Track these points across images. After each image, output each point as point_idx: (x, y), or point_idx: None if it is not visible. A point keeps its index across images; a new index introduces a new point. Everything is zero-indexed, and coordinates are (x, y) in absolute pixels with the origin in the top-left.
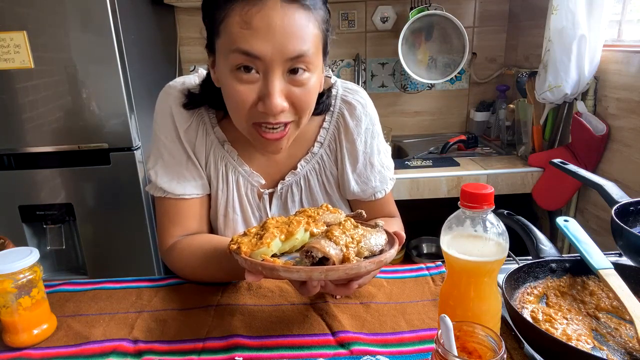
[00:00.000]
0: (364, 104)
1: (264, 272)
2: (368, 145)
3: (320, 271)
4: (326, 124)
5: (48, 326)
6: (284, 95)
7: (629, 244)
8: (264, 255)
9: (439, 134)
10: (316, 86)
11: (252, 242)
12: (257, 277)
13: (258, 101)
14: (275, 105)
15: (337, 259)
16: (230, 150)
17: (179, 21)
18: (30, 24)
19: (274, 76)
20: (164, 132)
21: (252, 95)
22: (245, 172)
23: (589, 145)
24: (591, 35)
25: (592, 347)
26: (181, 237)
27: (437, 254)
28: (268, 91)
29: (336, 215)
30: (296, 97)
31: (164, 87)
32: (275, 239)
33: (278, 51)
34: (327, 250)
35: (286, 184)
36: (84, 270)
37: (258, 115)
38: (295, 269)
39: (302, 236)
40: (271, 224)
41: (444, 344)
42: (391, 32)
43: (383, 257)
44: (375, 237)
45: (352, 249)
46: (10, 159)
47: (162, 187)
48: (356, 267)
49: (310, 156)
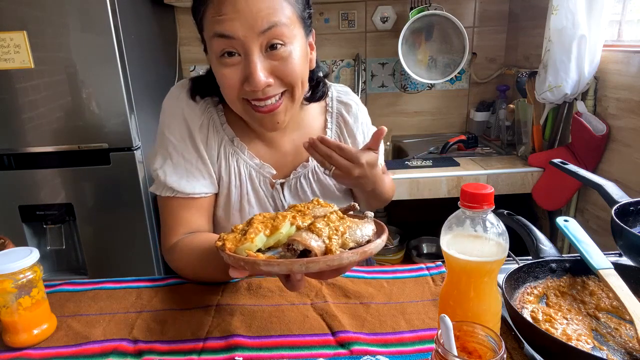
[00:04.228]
0: (357, 102)
1: (246, 267)
2: (365, 134)
3: (301, 263)
4: (329, 124)
5: (48, 326)
6: (267, 71)
7: (629, 244)
8: (247, 251)
9: (439, 134)
10: (300, 57)
11: (237, 238)
12: (241, 272)
13: (245, 81)
14: (258, 81)
15: (319, 250)
16: (240, 146)
17: (179, 21)
18: (30, 24)
19: (253, 54)
20: (173, 132)
21: (237, 76)
22: (257, 165)
23: (589, 145)
24: (591, 35)
25: (592, 347)
26: (184, 236)
27: (437, 254)
28: (250, 70)
29: (326, 209)
30: (280, 71)
31: (172, 89)
32: (260, 234)
33: (248, 27)
34: (308, 242)
35: (298, 175)
36: (84, 270)
37: (247, 93)
38: (275, 262)
39: (287, 230)
40: (257, 220)
41: (444, 344)
42: (391, 32)
43: (367, 248)
44: (362, 228)
45: (336, 241)
46: (10, 159)
47: (172, 186)
48: (338, 258)
49: None
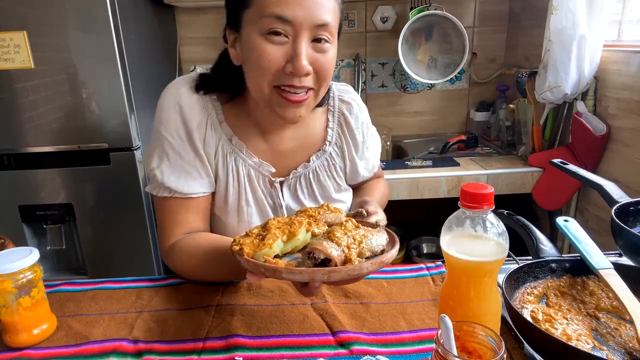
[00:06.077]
0: (357, 101)
1: (267, 273)
2: (365, 134)
3: (323, 273)
4: (331, 123)
5: (48, 326)
6: (308, 60)
7: (629, 244)
8: (266, 257)
9: (439, 134)
10: (334, 59)
11: (254, 243)
12: (259, 277)
13: (285, 64)
14: (303, 65)
15: (339, 260)
16: (239, 144)
17: (179, 21)
18: (30, 24)
19: (302, 40)
20: (170, 130)
21: (280, 56)
22: (255, 164)
23: (589, 145)
24: (591, 35)
25: (592, 347)
26: (183, 236)
27: (437, 254)
28: (296, 52)
29: (337, 215)
30: (319, 63)
31: (168, 86)
32: (277, 240)
33: (307, 17)
34: (329, 251)
35: (297, 174)
36: (84, 270)
37: (284, 77)
38: (297, 271)
39: (303, 237)
40: (273, 225)
41: (444, 344)
42: (391, 32)
43: (384, 258)
44: (377, 238)
45: (354, 250)
46: (10, 159)
47: (169, 186)
48: (358, 268)
49: (321, 153)
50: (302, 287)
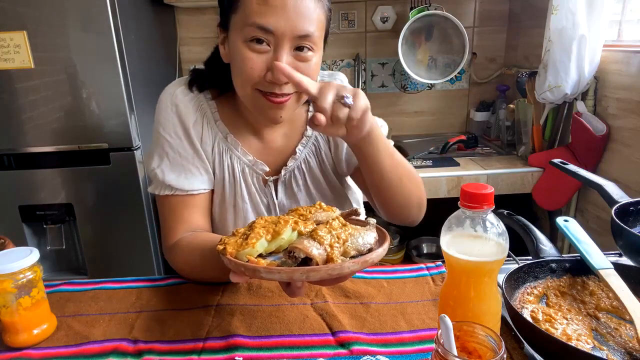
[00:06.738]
0: (342, 81)
1: (247, 273)
2: None
3: (302, 272)
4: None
5: (48, 326)
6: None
7: (629, 244)
8: (249, 256)
9: (439, 134)
10: (317, 66)
11: (238, 242)
12: (242, 277)
13: (266, 72)
14: (281, 76)
15: (321, 259)
16: (234, 142)
17: (179, 21)
18: (30, 24)
19: (283, 50)
20: (168, 129)
21: (262, 64)
22: (250, 162)
23: (589, 145)
24: (591, 36)
25: (592, 347)
26: (186, 233)
27: (437, 254)
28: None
29: (329, 214)
30: (300, 72)
31: (165, 89)
32: (261, 239)
33: (289, 28)
34: (309, 250)
35: (289, 170)
36: (84, 270)
37: (265, 84)
38: (276, 270)
39: (289, 236)
40: (258, 224)
41: (444, 344)
42: (391, 32)
43: (369, 257)
44: (364, 236)
45: (337, 249)
46: (10, 159)
47: (170, 184)
48: (339, 267)
49: (305, 140)
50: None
